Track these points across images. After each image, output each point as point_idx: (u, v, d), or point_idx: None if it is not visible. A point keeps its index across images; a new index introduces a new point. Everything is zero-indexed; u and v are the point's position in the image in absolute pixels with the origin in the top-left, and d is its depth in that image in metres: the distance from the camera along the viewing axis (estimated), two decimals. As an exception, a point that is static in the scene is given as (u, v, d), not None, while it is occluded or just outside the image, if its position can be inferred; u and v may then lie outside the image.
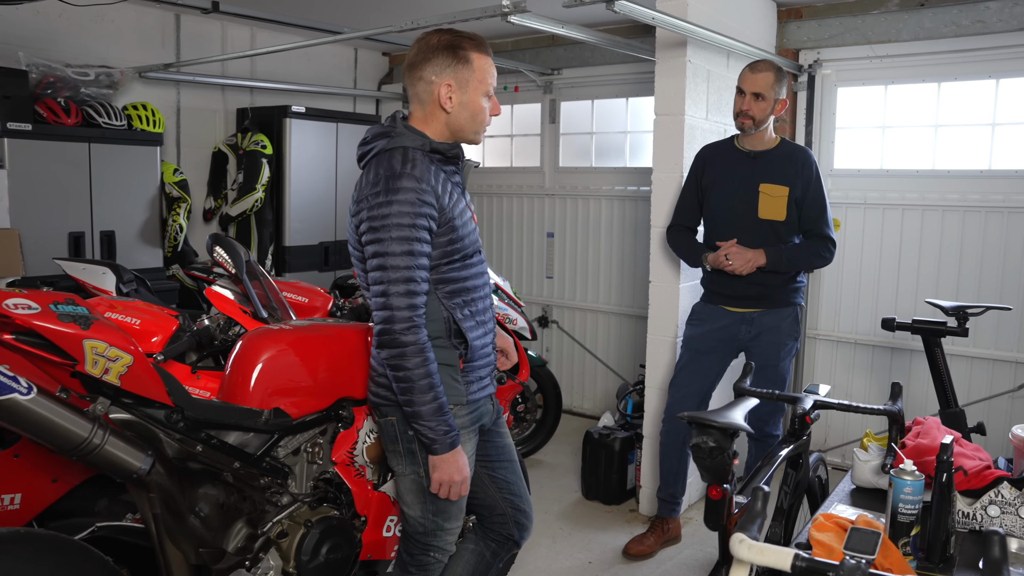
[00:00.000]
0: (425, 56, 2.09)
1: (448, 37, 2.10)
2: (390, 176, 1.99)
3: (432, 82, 2.07)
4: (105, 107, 4.24)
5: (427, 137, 2.10)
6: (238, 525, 2.22)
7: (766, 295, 3.32)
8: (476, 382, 2.20)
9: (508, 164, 5.88)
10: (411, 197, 1.97)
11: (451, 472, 2.07)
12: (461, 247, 2.12)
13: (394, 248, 1.97)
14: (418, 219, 1.98)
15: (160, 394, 2.05)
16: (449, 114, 2.10)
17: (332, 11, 4.56)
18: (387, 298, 1.98)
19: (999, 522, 2.14)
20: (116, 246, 4.31)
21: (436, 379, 2.02)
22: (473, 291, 2.19)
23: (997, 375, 4.20)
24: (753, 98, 3.18)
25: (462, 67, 2.08)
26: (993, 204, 4.12)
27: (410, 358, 1.98)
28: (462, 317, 2.13)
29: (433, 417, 2.02)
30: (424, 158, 2.06)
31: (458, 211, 2.11)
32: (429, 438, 2.03)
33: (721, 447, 1.74)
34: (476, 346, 2.17)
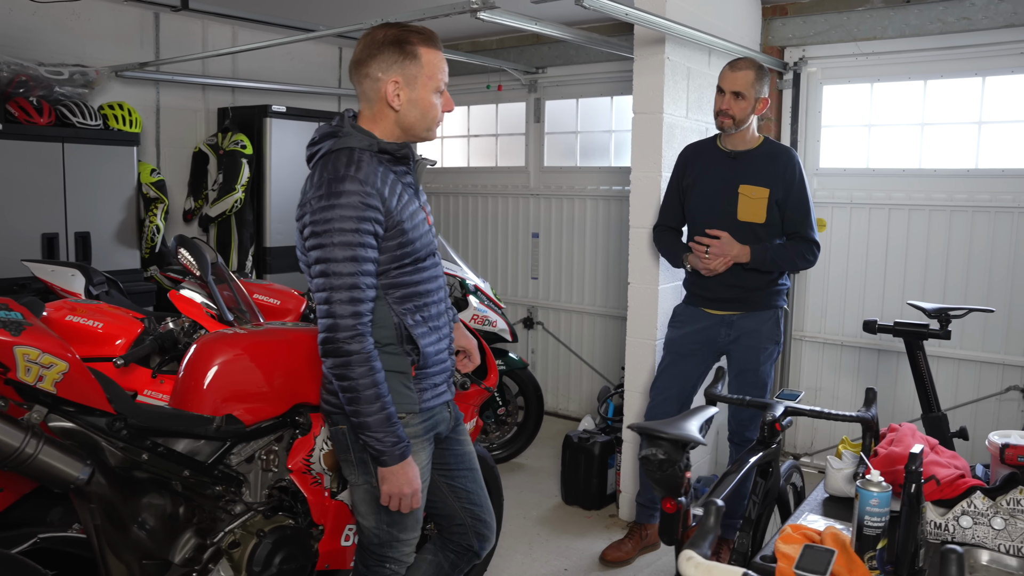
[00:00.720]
0: (371, 52, 2.01)
1: (395, 32, 2.02)
2: (333, 179, 1.91)
3: (379, 79, 1.99)
4: (80, 106, 4.18)
5: (375, 137, 2.02)
6: (186, 535, 2.16)
7: (747, 298, 3.25)
8: (430, 389, 2.13)
9: (493, 164, 5.81)
10: (354, 201, 1.90)
11: (400, 484, 2.00)
12: (412, 251, 2.04)
13: (337, 254, 1.89)
14: (362, 223, 1.90)
15: (100, 401, 1.98)
16: (398, 112, 2.02)
17: (303, 9, 4.49)
18: (330, 306, 1.91)
19: (971, 533, 2.08)
20: (91, 247, 4.24)
21: (383, 389, 1.95)
22: (426, 296, 2.11)
23: (984, 378, 4.13)
24: (733, 97, 3.11)
25: (410, 63, 1.99)
26: (980, 204, 4.05)
27: (355, 367, 1.91)
28: (413, 323, 2.06)
29: (380, 428, 1.95)
30: (371, 159, 1.98)
31: (407, 213, 2.02)
32: (377, 449, 1.97)
33: (672, 459, 1.67)
34: (429, 352, 2.09)
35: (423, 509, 2.22)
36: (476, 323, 4.27)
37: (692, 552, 1.54)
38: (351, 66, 2.06)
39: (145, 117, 4.78)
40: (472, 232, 5.91)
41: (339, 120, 2.07)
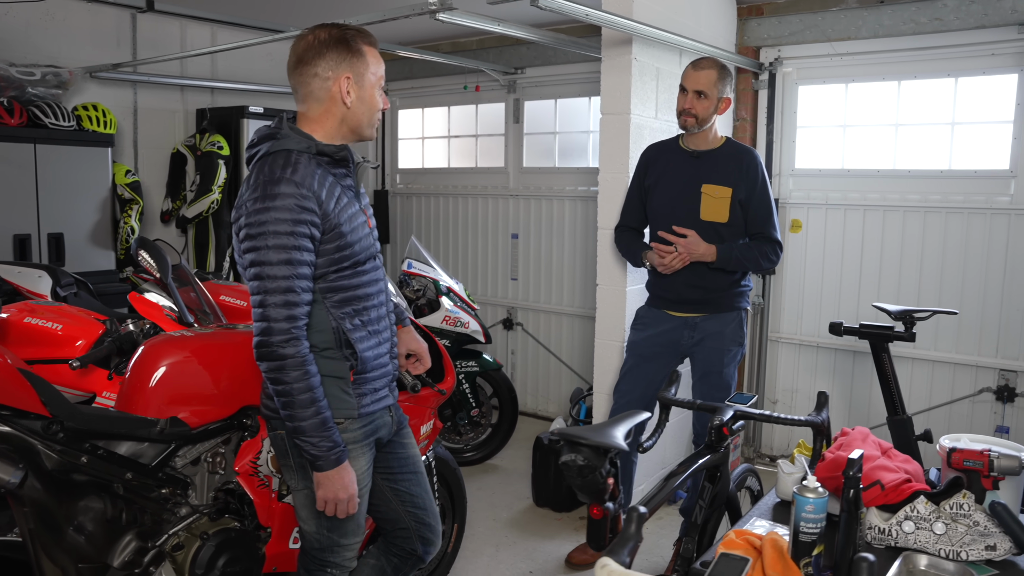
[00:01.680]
0: (317, 51, 2.00)
1: (337, 31, 2.02)
2: (269, 181, 1.90)
3: (328, 78, 1.99)
4: (52, 107, 4.19)
5: (313, 139, 2.01)
6: (126, 538, 2.15)
7: (709, 299, 3.23)
8: (370, 394, 2.11)
9: (473, 165, 5.80)
10: (290, 203, 1.89)
11: (336, 490, 2.00)
12: (351, 254, 2.03)
13: (272, 257, 1.88)
14: (298, 226, 1.89)
15: (34, 404, 1.98)
16: (349, 109, 2.02)
17: (274, 10, 4.48)
18: (264, 309, 1.90)
19: (913, 538, 2.07)
20: (65, 248, 4.25)
21: (318, 393, 1.94)
22: (365, 299, 2.10)
23: (958, 380, 4.11)
24: (695, 96, 3.10)
25: (357, 60, 2.00)
26: (953, 205, 4.03)
27: (289, 371, 1.90)
28: (352, 327, 2.05)
29: (315, 432, 1.94)
30: (309, 161, 1.97)
31: (346, 216, 2.01)
32: (312, 454, 1.96)
33: (592, 465, 1.66)
34: (367, 357, 2.08)
35: (365, 514, 2.22)
36: (448, 324, 4.26)
37: (608, 560, 1.53)
38: (292, 67, 2.04)
39: (122, 118, 4.78)
40: (452, 233, 5.90)
41: (278, 122, 2.06)
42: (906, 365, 4.22)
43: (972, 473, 2.14)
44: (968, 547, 2.00)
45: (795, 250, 4.51)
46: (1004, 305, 3.96)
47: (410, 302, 4.32)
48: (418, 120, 6.09)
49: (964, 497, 2.08)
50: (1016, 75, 3.84)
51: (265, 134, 2.04)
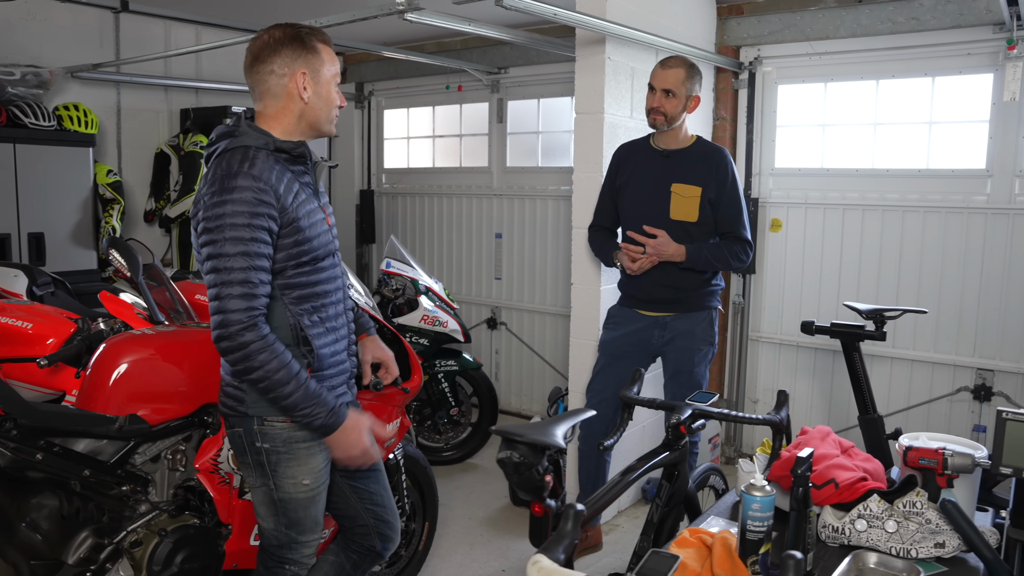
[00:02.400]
0: (273, 49, 2.02)
1: (292, 30, 2.04)
2: (226, 175, 1.92)
3: (284, 74, 2.00)
4: (33, 107, 4.20)
5: (271, 136, 2.03)
6: (82, 535, 2.17)
7: (679, 299, 3.24)
8: (327, 391, 2.13)
9: (457, 164, 5.81)
10: (247, 196, 1.90)
11: (348, 448, 2.04)
12: (309, 249, 2.04)
13: (228, 249, 1.89)
14: (255, 219, 1.91)
15: (-14, 402, 1.99)
16: (306, 104, 2.04)
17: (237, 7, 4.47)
18: (221, 301, 1.90)
19: (866, 536, 2.07)
20: (46, 248, 4.26)
21: (293, 366, 1.94)
22: (324, 296, 2.11)
23: (937, 379, 4.11)
24: (664, 94, 3.11)
25: (312, 56, 2.02)
26: (931, 204, 4.03)
27: (256, 355, 1.90)
28: (309, 324, 2.06)
29: (307, 403, 1.95)
30: (268, 157, 1.99)
31: (304, 211, 2.03)
32: (314, 425, 1.98)
33: (528, 463, 1.67)
34: (324, 354, 2.09)
35: (322, 511, 2.22)
36: (427, 324, 4.27)
37: (540, 557, 1.54)
38: (249, 66, 2.06)
39: (105, 118, 4.80)
40: (437, 233, 5.91)
41: (236, 120, 2.08)
42: (885, 364, 4.22)
43: (927, 471, 2.15)
44: (918, 545, 2.00)
45: (775, 249, 4.51)
46: (981, 304, 3.96)
47: (389, 301, 4.33)
48: (403, 120, 6.11)
49: (918, 495, 2.08)
50: (992, 75, 3.84)
51: (223, 132, 2.05)
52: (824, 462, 2.23)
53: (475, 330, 5.70)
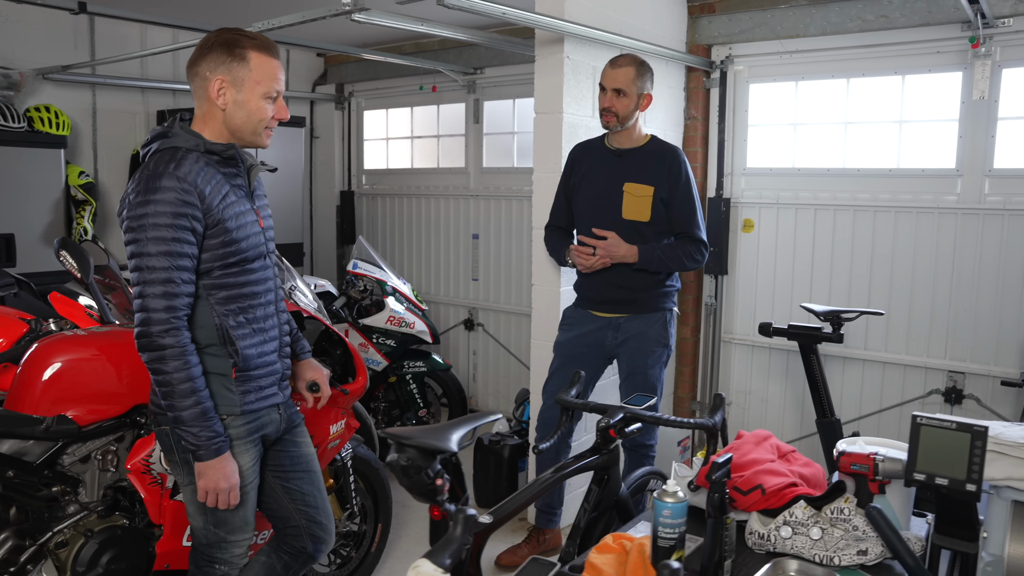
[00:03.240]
0: (202, 52, 2.04)
1: (229, 35, 2.04)
2: (151, 176, 1.94)
3: (206, 78, 2.02)
4: (3, 109, 4.22)
5: (202, 138, 2.04)
6: (2, 536, 2.16)
7: (634, 299, 3.21)
8: (254, 391, 2.12)
9: (435, 165, 5.80)
10: (170, 197, 1.91)
11: (216, 479, 2.01)
12: (237, 250, 2.05)
13: (151, 248, 1.91)
14: (178, 219, 1.92)
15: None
16: (224, 111, 2.04)
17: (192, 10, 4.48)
18: (144, 300, 1.93)
19: (790, 543, 2.03)
20: (16, 248, 4.28)
21: (198, 383, 1.96)
22: (252, 298, 2.11)
23: (909, 381, 4.06)
24: (615, 94, 3.08)
25: (237, 64, 2.01)
26: (902, 204, 3.98)
27: (169, 361, 1.92)
28: (235, 324, 2.06)
29: (195, 422, 1.96)
30: (198, 159, 2.00)
31: (231, 213, 2.03)
32: (193, 444, 1.98)
33: (417, 466, 1.65)
34: (250, 355, 2.09)
35: (253, 511, 2.22)
36: (393, 325, 4.26)
37: (422, 561, 1.53)
38: (188, 65, 2.08)
39: (81, 120, 4.82)
40: (416, 234, 5.90)
41: (171, 122, 2.09)
42: (856, 367, 4.18)
43: (860, 477, 2.11)
44: (841, 552, 1.97)
45: (747, 250, 4.47)
46: (952, 305, 3.90)
47: (355, 302, 4.32)
48: (383, 121, 6.10)
49: (846, 502, 2.05)
50: (960, 73, 3.78)
51: (157, 133, 2.07)
52: (753, 467, 2.19)
53: (453, 331, 5.69)
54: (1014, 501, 1.83)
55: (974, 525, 1.90)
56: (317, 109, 6.31)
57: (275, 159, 5.35)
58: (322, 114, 6.29)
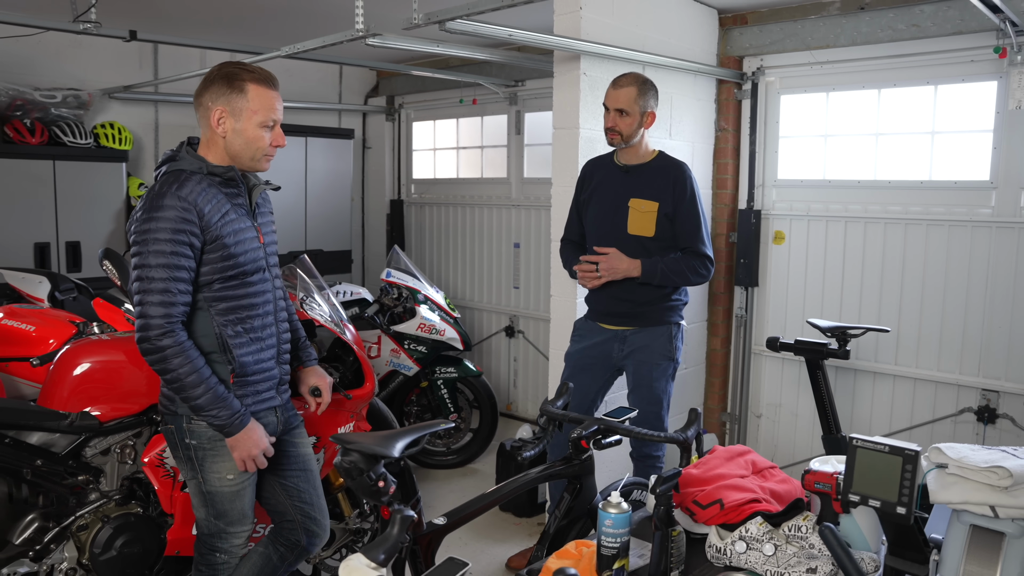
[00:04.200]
0: (205, 85, 2.24)
1: (229, 68, 2.24)
2: (156, 196, 2.14)
3: (209, 108, 2.21)
4: (72, 126, 4.60)
5: (205, 161, 2.23)
6: (29, 518, 2.41)
7: (638, 313, 3.26)
8: (252, 395, 2.30)
9: (479, 175, 5.95)
10: (171, 214, 2.11)
11: (249, 447, 2.21)
12: (235, 264, 2.23)
13: (151, 261, 2.11)
14: (177, 235, 2.11)
15: (-63, 396, 2.26)
16: (224, 139, 2.23)
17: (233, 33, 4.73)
18: (143, 307, 2.12)
19: (745, 558, 2.07)
20: (82, 255, 4.66)
21: (204, 372, 2.15)
22: (250, 309, 2.29)
23: (940, 398, 3.95)
24: (617, 114, 3.14)
25: (236, 96, 2.20)
26: (934, 217, 3.88)
27: (171, 360, 2.11)
28: (233, 334, 2.24)
29: (212, 406, 2.15)
30: (200, 180, 2.19)
31: (230, 229, 2.22)
32: (218, 425, 2.17)
33: (359, 468, 1.77)
34: (247, 362, 2.27)
35: (252, 505, 2.40)
36: (423, 331, 4.42)
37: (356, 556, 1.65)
38: (194, 96, 2.28)
39: (144, 134, 5.19)
40: (460, 242, 6.07)
41: (178, 147, 2.30)
42: (887, 382, 4.09)
43: (824, 496, 2.13)
44: (792, 568, 1.99)
45: (778, 262, 4.43)
46: (986, 322, 3.78)
47: (388, 309, 4.51)
48: (431, 132, 6.30)
49: (804, 519, 2.06)
50: (995, 82, 3.67)
51: (167, 157, 2.28)
52: (717, 482, 2.24)
53: (494, 338, 5.83)
54: (972, 525, 1.82)
55: (920, 548, 1.90)
56: (369, 121, 6.57)
57: (323, 170, 5.63)
58: (374, 125, 6.55)
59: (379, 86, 6.48)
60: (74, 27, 3.54)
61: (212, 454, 2.26)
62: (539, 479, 2.23)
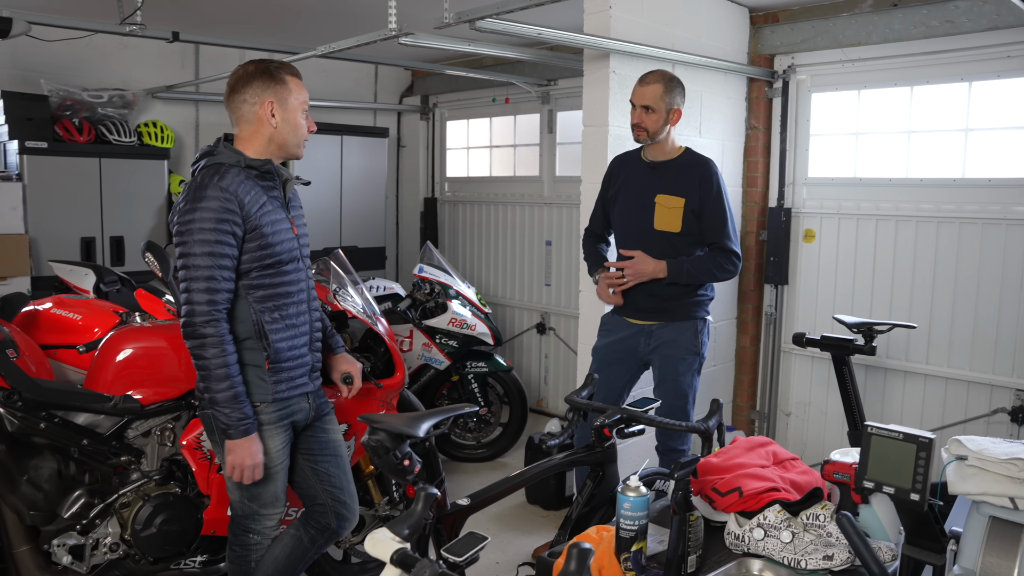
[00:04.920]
0: (246, 82, 2.34)
1: (263, 64, 2.36)
2: (198, 187, 2.24)
3: (255, 103, 2.32)
4: (117, 125, 4.77)
5: (243, 155, 2.33)
6: (76, 494, 2.53)
7: (664, 308, 3.29)
8: (285, 382, 2.39)
9: (511, 173, 6.02)
10: (214, 205, 2.21)
11: (243, 456, 2.27)
12: (272, 253, 2.32)
13: (196, 250, 2.20)
14: (221, 224, 2.21)
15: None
16: (275, 129, 2.34)
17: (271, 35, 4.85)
18: (189, 294, 2.21)
19: (762, 545, 2.10)
20: (125, 250, 4.82)
21: (232, 370, 2.23)
22: (286, 297, 2.38)
23: (973, 398, 3.92)
24: (643, 111, 3.18)
25: (280, 87, 2.33)
26: (967, 215, 3.85)
27: (208, 348, 2.20)
28: (269, 320, 2.33)
29: (227, 404, 2.23)
30: (239, 173, 2.29)
31: (268, 220, 2.31)
32: (224, 424, 2.24)
33: (385, 447, 1.84)
34: (281, 348, 2.36)
35: (284, 489, 2.49)
36: (454, 326, 4.50)
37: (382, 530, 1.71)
38: (227, 96, 2.40)
39: (185, 133, 5.35)
40: (492, 239, 6.14)
41: (215, 142, 2.41)
42: (918, 381, 4.06)
43: (843, 486, 2.15)
44: (809, 556, 2.02)
45: (808, 260, 4.42)
46: (1021, 321, 3.74)
47: (420, 304, 4.59)
48: (464, 131, 6.38)
49: (822, 508, 2.10)
50: (1032, 78, 3.63)
51: (204, 152, 2.39)
52: (736, 471, 2.27)
53: (526, 335, 5.89)
54: (991, 517, 1.83)
55: (938, 537, 1.92)
56: (404, 120, 6.67)
57: (358, 168, 5.75)
58: (408, 124, 6.65)
59: (414, 86, 6.59)
60: (121, 29, 3.69)
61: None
62: (562, 464, 2.28)
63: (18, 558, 2.44)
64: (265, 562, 2.47)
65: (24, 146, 4.44)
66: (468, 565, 1.61)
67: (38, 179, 4.49)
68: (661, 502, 2.50)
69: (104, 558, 2.58)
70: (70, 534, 2.51)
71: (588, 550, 1.59)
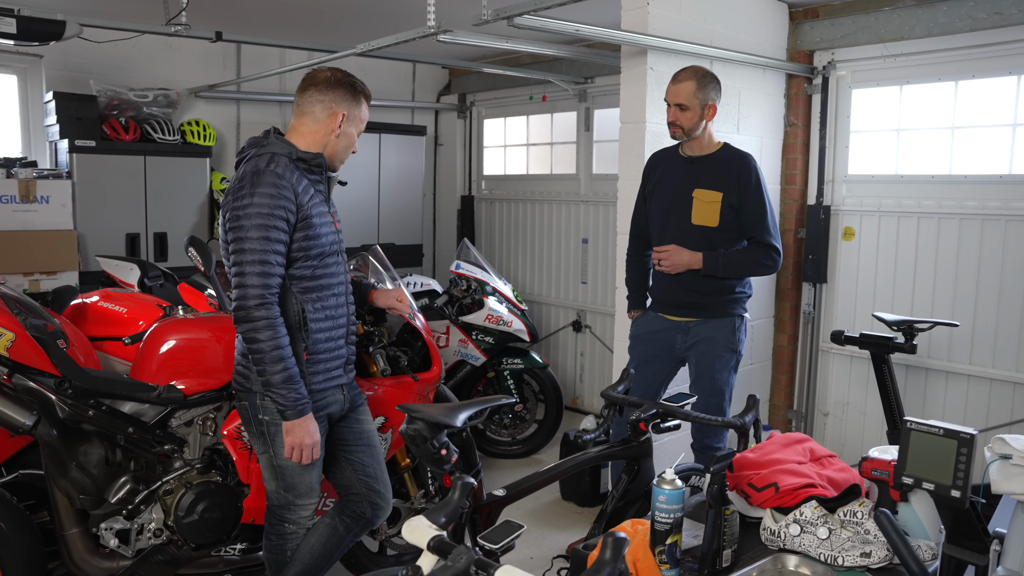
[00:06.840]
0: (330, 86, 2.41)
1: (351, 79, 2.45)
2: (255, 173, 2.29)
3: (332, 107, 2.39)
4: (161, 124, 4.89)
5: (294, 147, 2.39)
6: (122, 480, 2.60)
7: (702, 304, 3.27)
8: (322, 373, 2.43)
9: (548, 171, 6.03)
10: (271, 191, 2.26)
11: (302, 436, 2.32)
12: (317, 244, 2.37)
13: (252, 233, 2.24)
14: (276, 209, 2.26)
15: (46, 365, 2.46)
16: (335, 138, 2.42)
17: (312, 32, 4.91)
18: (242, 277, 2.25)
19: (798, 541, 2.09)
20: (168, 245, 4.94)
21: (286, 352, 2.27)
22: (327, 288, 2.44)
23: (1019, 399, 3.83)
24: (678, 108, 3.16)
25: (356, 106, 2.43)
26: (1015, 212, 3.77)
27: (262, 331, 2.24)
28: (312, 310, 2.38)
29: (283, 386, 2.27)
30: (290, 163, 2.35)
31: (316, 212, 2.38)
32: (281, 404, 2.29)
33: (423, 436, 1.86)
34: (319, 338, 2.40)
35: (319, 479, 2.53)
36: (490, 323, 4.52)
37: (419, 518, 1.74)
38: (304, 88, 2.44)
39: (226, 131, 5.46)
40: (529, 237, 6.15)
41: (265, 133, 2.46)
42: (960, 382, 3.99)
43: (882, 484, 2.13)
44: (846, 553, 2.00)
45: (848, 258, 4.36)
46: (1068, 321, 3.65)
47: (457, 300, 4.62)
48: (501, 129, 6.41)
49: (860, 505, 2.07)
50: (1083, 71, 3.54)
51: (254, 142, 2.44)
52: (773, 467, 2.25)
53: (562, 332, 5.89)
54: (1036, 516, 1.80)
55: (980, 537, 1.89)
56: (441, 118, 6.72)
57: (396, 166, 5.81)
58: (446, 123, 6.70)
59: (451, 84, 6.63)
60: (167, 29, 3.78)
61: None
62: (598, 458, 2.29)
63: (69, 540, 2.52)
64: (301, 550, 2.52)
65: (74, 145, 4.57)
66: (504, 552, 1.63)
67: (86, 177, 4.62)
68: (696, 497, 2.49)
69: (148, 543, 2.65)
70: (117, 518, 2.58)
71: (624, 539, 1.59)
